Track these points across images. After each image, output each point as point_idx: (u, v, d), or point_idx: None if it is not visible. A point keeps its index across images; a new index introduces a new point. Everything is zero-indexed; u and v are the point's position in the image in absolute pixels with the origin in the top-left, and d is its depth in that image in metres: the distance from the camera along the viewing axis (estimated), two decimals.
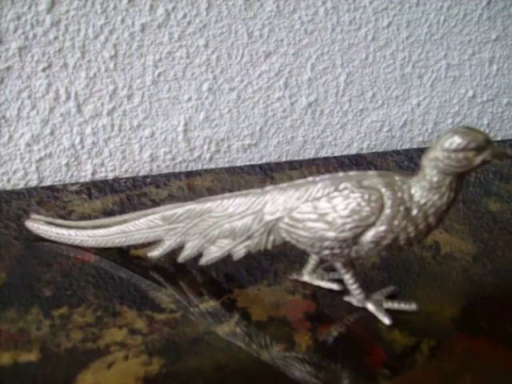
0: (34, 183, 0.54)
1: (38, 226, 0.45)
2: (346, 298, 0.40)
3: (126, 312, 0.39)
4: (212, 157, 0.59)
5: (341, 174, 0.37)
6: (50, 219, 0.46)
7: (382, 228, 0.35)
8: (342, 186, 0.36)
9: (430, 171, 0.35)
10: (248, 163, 0.60)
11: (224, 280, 0.43)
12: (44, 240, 0.46)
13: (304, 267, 0.42)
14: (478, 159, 0.34)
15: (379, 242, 0.36)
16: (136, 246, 0.45)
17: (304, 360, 0.36)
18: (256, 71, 0.57)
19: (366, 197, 0.35)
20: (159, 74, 0.54)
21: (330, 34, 0.58)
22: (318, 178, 0.38)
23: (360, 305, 0.40)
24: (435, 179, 0.35)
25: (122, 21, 0.51)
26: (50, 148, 0.53)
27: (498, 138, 0.71)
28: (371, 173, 0.37)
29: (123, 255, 0.45)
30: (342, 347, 0.37)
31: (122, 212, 0.49)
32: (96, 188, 0.54)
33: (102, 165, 0.55)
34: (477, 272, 0.45)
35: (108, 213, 0.50)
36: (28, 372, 0.34)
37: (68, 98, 0.52)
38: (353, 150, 0.64)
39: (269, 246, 0.39)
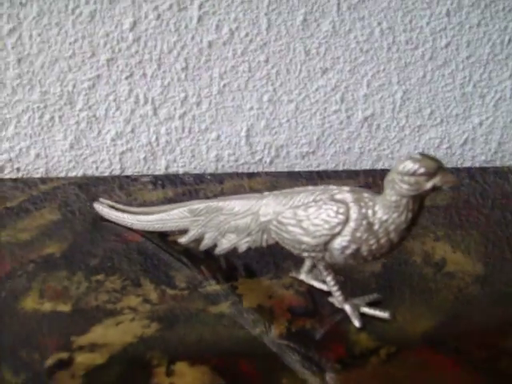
0: (117, 172, 0.61)
1: (103, 208, 0.51)
2: (330, 299, 0.41)
3: (146, 285, 0.44)
4: (272, 161, 0.61)
5: (322, 186, 0.39)
6: (113, 203, 0.52)
7: (346, 238, 0.36)
8: (318, 198, 0.38)
9: (388, 191, 0.36)
10: (306, 169, 0.62)
11: (235, 269, 0.45)
12: (105, 220, 0.52)
13: (302, 267, 0.44)
14: (429, 184, 0.34)
15: (343, 251, 0.37)
16: (173, 233, 0.49)
17: (272, 343, 0.38)
18: (313, 85, 0.58)
19: (335, 209, 0.37)
20: (224, 85, 0.58)
21: (385, 53, 0.57)
22: (301, 189, 0.40)
23: (340, 306, 0.40)
24: (393, 199, 0.35)
25: (192, 38, 0.56)
26: (130, 143, 0.59)
27: None
28: (345, 188, 0.38)
29: (163, 239, 0.49)
30: (308, 339, 0.38)
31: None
32: (162, 181, 0.59)
33: (174, 161, 0.61)
34: (471, 293, 0.42)
35: (164, 203, 0.55)
36: (59, 319, 0.40)
37: (146, 102, 0.58)
38: None
39: (263, 244, 0.42)
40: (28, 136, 0.58)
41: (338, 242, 0.37)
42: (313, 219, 0.38)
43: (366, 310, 0.40)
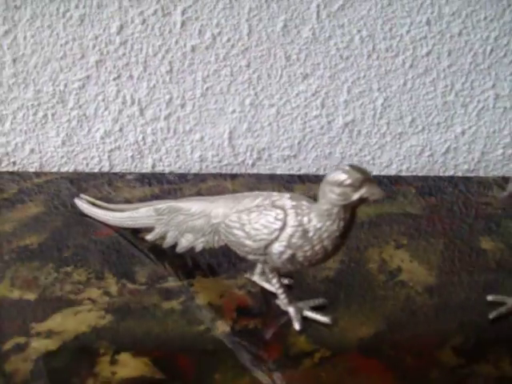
0: (106, 169, 0.63)
1: (83, 203, 0.54)
2: (277, 301, 0.42)
3: (109, 278, 0.46)
4: (254, 163, 0.62)
5: (266, 192, 0.41)
6: (93, 200, 0.54)
7: (283, 243, 0.37)
8: (260, 203, 0.39)
9: (321, 200, 0.36)
10: (288, 172, 0.63)
11: (196, 267, 0.47)
12: (85, 215, 0.54)
13: (255, 268, 0.45)
14: (355, 196, 0.35)
15: (280, 256, 0.38)
16: (141, 230, 0.51)
17: (213, 341, 0.39)
18: (294, 91, 0.59)
19: (274, 215, 0.38)
20: (207, 88, 0.59)
21: (366, 60, 0.57)
22: (249, 194, 0.41)
23: (284, 308, 0.41)
24: (325, 207, 0.36)
25: (176, 42, 0.57)
26: (118, 142, 0.61)
27: None
28: (286, 195, 0.40)
29: (135, 235, 0.51)
30: (248, 338, 0.39)
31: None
32: (149, 179, 0.61)
33: (160, 160, 0.62)
34: (417, 303, 0.42)
35: (147, 200, 0.57)
36: (24, 306, 0.42)
37: (133, 103, 0.60)
38: (391, 171, 0.62)
39: (215, 245, 0.43)
40: (23, 132, 0.61)
41: (276, 247, 0.38)
42: (254, 223, 0.39)
43: (308, 313, 0.40)
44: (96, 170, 0.63)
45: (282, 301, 0.41)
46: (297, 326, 0.39)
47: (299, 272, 0.45)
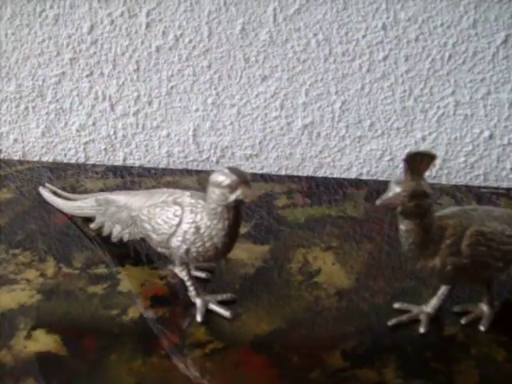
0: (82, 160, 0.66)
1: (45, 192, 0.57)
2: (189, 293, 0.43)
3: (50, 261, 0.49)
4: (218, 160, 0.64)
5: (172, 190, 0.43)
6: (55, 188, 0.57)
7: (179, 239, 0.39)
8: (165, 199, 0.41)
9: (208, 200, 0.38)
10: (250, 171, 0.64)
11: (128, 256, 0.49)
12: (47, 203, 0.57)
13: None
14: (232, 197, 0.37)
15: (177, 250, 0.40)
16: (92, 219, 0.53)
17: (120, 324, 0.41)
18: (254, 92, 0.60)
19: (173, 211, 0.40)
20: (172, 87, 0.61)
21: (322, 64, 0.58)
22: (160, 190, 0.44)
23: (193, 300, 0.42)
24: (211, 207, 0.38)
25: (142, 43, 0.59)
26: (92, 135, 0.65)
27: None
28: (187, 193, 0.42)
29: (84, 223, 0.54)
30: (152, 325, 0.41)
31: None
32: (113, 172, 0.64)
33: (131, 154, 0.65)
34: (325, 305, 0.43)
35: (105, 191, 0.60)
36: None
37: (104, 99, 0.62)
38: (352, 174, 0.62)
39: (137, 237, 0.45)
40: (7, 122, 0.65)
41: (174, 241, 0.40)
42: (157, 218, 0.41)
43: (212, 306, 0.42)
44: (73, 161, 0.66)
45: (190, 292, 0.43)
46: (198, 318, 0.41)
47: (222, 267, 0.47)
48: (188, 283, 0.43)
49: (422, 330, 0.39)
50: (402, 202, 0.34)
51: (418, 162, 0.33)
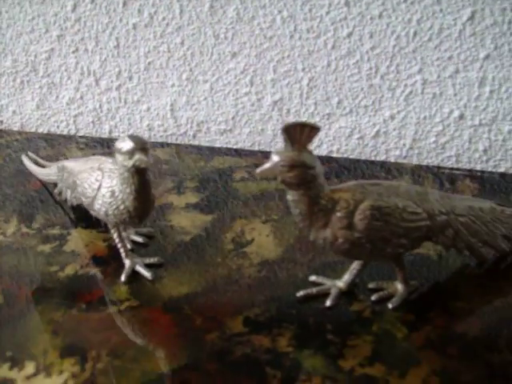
0: (73, 132, 0.70)
1: (25, 160, 0.61)
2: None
3: (14, 222, 0.52)
4: (195, 135, 0.66)
5: (100, 157, 0.46)
6: (35, 157, 0.61)
7: (99, 201, 0.42)
8: (93, 165, 0.43)
9: (116, 166, 0.40)
10: (225, 146, 0.65)
11: (82, 219, 0.51)
12: (26, 170, 0.61)
13: None
14: (130, 162, 0.38)
15: (99, 212, 0.43)
16: None
17: (55, 279, 0.44)
18: (224, 68, 0.61)
19: (95, 176, 0.42)
20: (149, 63, 0.63)
21: (288, 41, 0.58)
22: (93, 157, 0.46)
23: (123, 261, 0.45)
24: (120, 172, 0.40)
25: (120, 20, 0.62)
26: (81, 108, 0.68)
27: (502, 170, 0.58)
28: (110, 160, 0.43)
29: (54, 188, 0.57)
30: (81, 282, 0.44)
31: None
32: (94, 143, 0.67)
33: (115, 127, 0.68)
34: (245, 274, 0.44)
35: None
36: None
37: (89, 74, 0.66)
38: (323, 152, 0.62)
39: (79, 201, 0.47)
40: (6, 95, 0.70)
41: (95, 205, 0.42)
42: (84, 183, 0.43)
43: (138, 268, 0.44)
44: (65, 133, 0.70)
45: (121, 254, 0.45)
46: (122, 278, 0.43)
47: (162, 233, 0.49)
48: (118, 245, 0.45)
49: (328, 303, 0.40)
50: (280, 172, 0.34)
51: (298, 132, 0.33)
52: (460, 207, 0.39)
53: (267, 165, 0.34)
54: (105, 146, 0.67)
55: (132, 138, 0.38)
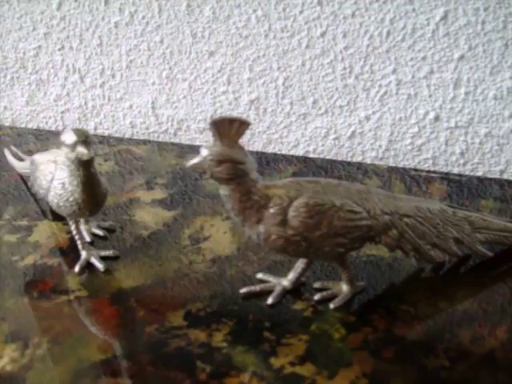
0: (60, 128, 0.71)
1: (7, 153, 0.62)
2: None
3: None
4: (176, 133, 0.66)
5: (60, 151, 0.45)
6: (16, 150, 0.62)
7: (51, 193, 0.43)
8: (49, 158, 0.44)
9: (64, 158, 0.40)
10: (205, 144, 0.65)
11: (51, 212, 0.53)
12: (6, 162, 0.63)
13: None
14: (73, 155, 0.39)
15: (52, 203, 0.43)
16: None
17: (13, 268, 0.45)
18: (202, 67, 0.61)
19: (50, 169, 0.43)
20: (131, 61, 0.64)
21: (263, 40, 0.58)
22: (55, 150, 0.47)
23: (80, 252, 0.45)
24: (66, 164, 0.40)
25: (103, 18, 0.63)
26: (67, 105, 0.69)
27: (479, 174, 0.57)
28: (65, 150, 0.42)
29: None
30: (39, 271, 0.45)
31: None
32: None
33: (100, 123, 0.69)
34: (194, 269, 0.44)
35: None
36: None
37: (74, 71, 0.67)
38: (299, 152, 0.62)
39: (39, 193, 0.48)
40: None
41: (49, 196, 0.43)
42: (41, 175, 0.44)
43: (93, 259, 0.45)
44: (53, 129, 0.72)
45: (78, 246, 0.46)
46: (76, 269, 0.44)
47: (123, 227, 0.50)
48: (75, 237, 0.46)
49: (269, 301, 0.39)
50: (209, 166, 0.34)
51: (226, 127, 0.33)
52: (405, 207, 0.38)
53: (196, 159, 0.35)
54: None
55: (74, 130, 0.39)
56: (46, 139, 0.69)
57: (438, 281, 0.42)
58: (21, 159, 0.59)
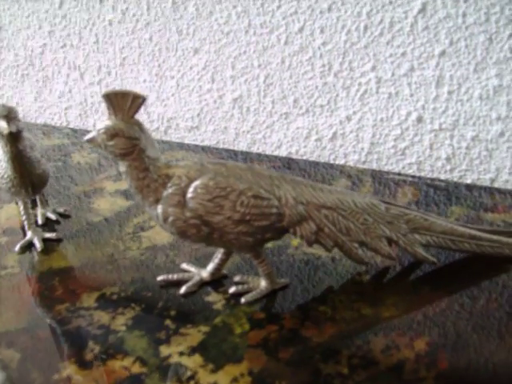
0: (64, 124, 0.74)
1: None
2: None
3: None
4: (166, 131, 0.67)
5: None
6: None
7: None
8: None
9: None
10: (193, 142, 0.66)
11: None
12: None
13: None
14: None
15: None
16: None
17: None
18: (188, 64, 0.62)
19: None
20: (124, 59, 0.66)
21: (244, 36, 0.57)
22: None
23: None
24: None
25: (98, 17, 0.65)
26: (70, 102, 0.72)
27: (468, 181, 0.53)
28: None
29: None
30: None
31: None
32: (76, 134, 0.70)
33: (99, 120, 0.71)
34: (126, 254, 0.44)
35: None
36: None
37: (75, 68, 0.70)
38: (282, 152, 0.60)
39: None
40: (10, 87, 0.76)
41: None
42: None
43: (35, 240, 0.46)
44: (58, 125, 0.75)
45: (24, 226, 0.47)
46: (17, 247, 0.46)
47: (78, 213, 0.51)
48: (23, 217, 0.47)
49: (182, 290, 0.38)
50: (102, 140, 0.34)
51: (120, 101, 0.33)
52: (325, 198, 0.36)
53: (92, 133, 0.35)
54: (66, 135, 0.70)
55: (2, 106, 0.40)
56: (52, 135, 0.73)
57: (370, 286, 0.39)
58: None
